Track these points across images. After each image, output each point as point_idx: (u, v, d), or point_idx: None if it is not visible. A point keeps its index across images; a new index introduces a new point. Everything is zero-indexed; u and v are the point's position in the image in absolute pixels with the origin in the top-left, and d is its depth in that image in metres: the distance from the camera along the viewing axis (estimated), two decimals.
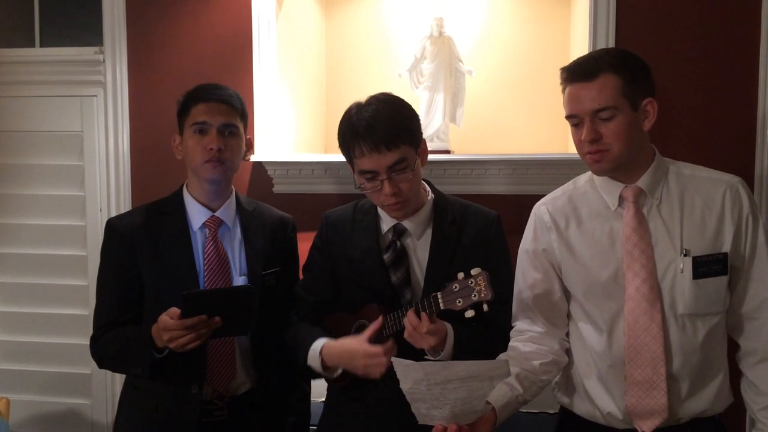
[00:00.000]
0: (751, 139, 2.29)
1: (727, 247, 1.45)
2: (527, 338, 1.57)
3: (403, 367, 1.32)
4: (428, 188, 1.68)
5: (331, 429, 1.70)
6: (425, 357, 1.48)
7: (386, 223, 1.64)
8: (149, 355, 1.56)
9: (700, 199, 1.48)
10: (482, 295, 1.39)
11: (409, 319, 1.44)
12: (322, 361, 1.58)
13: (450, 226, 1.62)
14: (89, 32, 2.70)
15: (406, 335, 1.46)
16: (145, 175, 2.64)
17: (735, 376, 1.54)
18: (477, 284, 1.39)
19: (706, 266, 1.44)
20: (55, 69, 2.70)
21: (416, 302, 1.50)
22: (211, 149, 1.65)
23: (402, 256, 1.61)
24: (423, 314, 1.43)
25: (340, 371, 1.59)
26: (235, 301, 1.53)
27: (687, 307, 1.44)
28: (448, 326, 1.49)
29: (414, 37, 2.59)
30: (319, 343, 1.59)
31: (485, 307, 1.40)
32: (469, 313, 1.41)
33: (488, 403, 1.39)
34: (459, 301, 1.41)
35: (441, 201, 1.66)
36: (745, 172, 2.25)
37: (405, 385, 1.32)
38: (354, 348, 1.52)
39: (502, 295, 1.56)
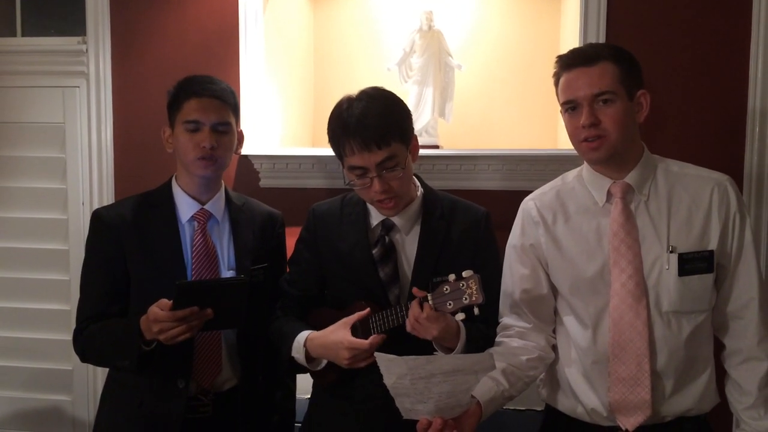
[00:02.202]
0: (740, 136, 2.29)
1: (713, 245, 1.45)
2: (514, 333, 1.56)
3: (385, 362, 1.31)
4: (418, 183, 1.66)
5: (317, 426, 1.69)
6: (434, 353, 1.47)
7: (375, 217, 1.62)
8: (137, 347, 1.54)
9: (687, 196, 1.48)
10: (473, 298, 1.37)
11: (413, 309, 1.42)
12: (307, 353, 1.56)
13: (438, 222, 1.60)
14: (72, 22, 2.66)
15: (409, 328, 1.44)
16: (129, 168, 2.61)
17: (722, 376, 1.53)
18: (468, 287, 1.38)
19: (692, 264, 1.44)
20: (37, 59, 2.65)
21: (404, 304, 1.48)
22: (204, 147, 1.64)
23: (390, 252, 1.59)
24: (425, 304, 1.41)
25: (324, 363, 1.57)
26: (229, 293, 1.51)
27: (672, 304, 1.44)
28: (461, 324, 1.47)
29: (403, 30, 2.57)
30: (304, 335, 1.58)
31: (476, 310, 1.39)
32: (460, 316, 1.39)
33: (473, 397, 1.39)
34: (449, 304, 1.39)
35: (430, 196, 1.64)
36: (735, 169, 2.24)
37: (388, 380, 1.32)
38: (338, 340, 1.50)
39: (492, 293, 1.54)
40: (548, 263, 1.56)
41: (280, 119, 2.60)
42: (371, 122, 1.48)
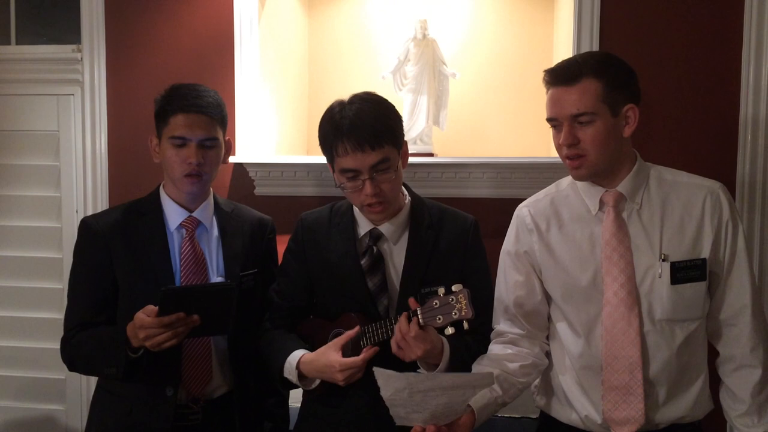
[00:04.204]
0: (733, 143, 2.30)
1: (705, 253, 1.45)
2: (507, 340, 1.56)
3: (384, 377, 1.30)
4: (406, 192, 1.66)
5: None
6: (418, 370, 1.46)
7: (363, 227, 1.62)
8: (124, 354, 1.53)
9: (680, 204, 1.48)
10: (463, 313, 1.37)
11: (400, 325, 1.41)
12: (299, 374, 1.56)
13: (427, 231, 1.60)
14: (67, 30, 2.66)
15: (393, 345, 1.43)
16: (123, 176, 2.60)
17: (715, 382, 1.53)
18: (458, 302, 1.37)
19: (685, 272, 1.44)
20: (31, 67, 2.65)
21: (393, 316, 1.48)
22: (191, 163, 1.63)
23: (378, 262, 1.58)
24: (413, 321, 1.40)
25: (317, 383, 1.56)
26: (215, 298, 1.50)
27: (665, 312, 1.44)
28: (444, 341, 1.47)
29: (397, 38, 2.57)
30: (296, 356, 1.57)
31: (465, 324, 1.38)
32: (449, 331, 1.39)
33: (468, 405, 1.38)
34: (439, 318, 1.39)
35: (418, 205, 1.64)
36: (728, 177, 2.25)
37: (385, 393, 1.31)
38: (330, 363, 1.49)
39: (482, 302, 1.54)
40: (542, 270, 1.55)
41: (275, 127, 2.60)
42: (365, 123, 1.48)
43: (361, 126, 1.47)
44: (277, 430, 1.85)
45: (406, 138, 2.39)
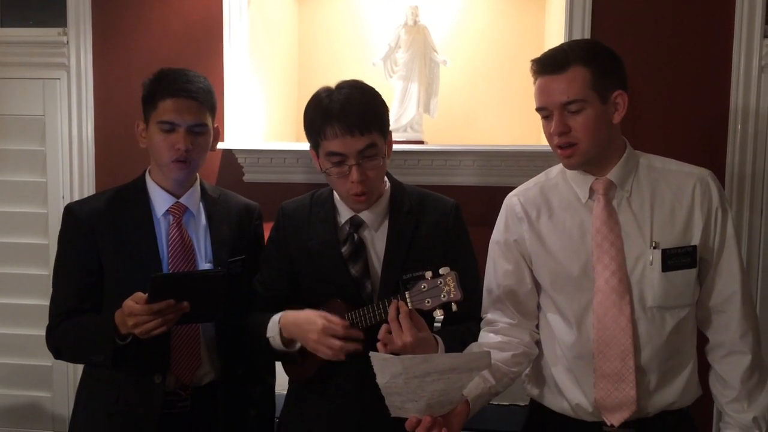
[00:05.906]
0: (722, 133, 2.31)
1: (696, 240, 1.46)
2: (498, 329, 1.56)
3: (381, 362, 1.29)
4: (386, 178, 1.65)
5: (293, 422, 1.67)
6: None
7: (343, 215, 1.61)
8: (112, 342, 1.53)
9: (670, 191, 1.48)
10: (452, 295, 1.37)
11: (390, 310, 1.40)
12: (281, 333, 1.55)
13: (407, 217, 1.59)
14: (52, 13, 2.62)
15: (380, 346, 1.41)
16: (110, 162, 2.58)
17: (703, 368, 1.54)
18: (446, 284, 1.37)
19: (676, 259, 1.44)
20: (16, 50, 2.62)
21: (380, 302, 1.47)
22: (179, 149, 1.61)
23: (360, 249, 1.58)
24: (401, 303, 1.40)
25: (298, 345, 1.55)
26: (205, 285, 1.50)
27: (656, 299, 1.45)
28: (440, 339, 1.47)
29: (388, 25, 2.56)
30: (278, 315, 1.57)
31: (454, 307, 1.38)
32: (438, 314, 1.39)
33: (462, 395, 1.38)
34: (428, 302, 1.39)
35: (398, 191, 1.63)
36: (717, 167, 2.26)
37: (381, 380, 1.30)
38: (311, 316, 1.48)
39: (469, 284, 1.53)
40: (532, 259, 1.55)
41: (264, 113, 2.58)
42: (355, 108, 1.47)
43: (352, 110, 1.47)
44: (262, 417, 1.84)
45: (396, 125, 2.42)
